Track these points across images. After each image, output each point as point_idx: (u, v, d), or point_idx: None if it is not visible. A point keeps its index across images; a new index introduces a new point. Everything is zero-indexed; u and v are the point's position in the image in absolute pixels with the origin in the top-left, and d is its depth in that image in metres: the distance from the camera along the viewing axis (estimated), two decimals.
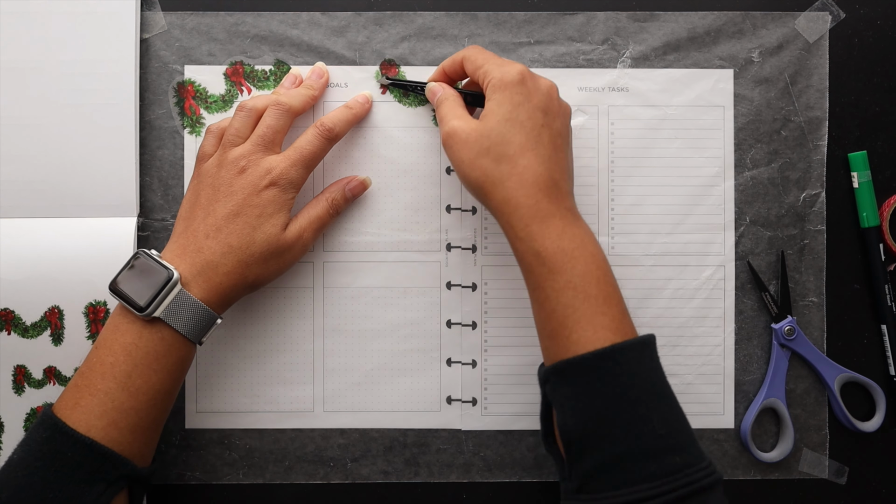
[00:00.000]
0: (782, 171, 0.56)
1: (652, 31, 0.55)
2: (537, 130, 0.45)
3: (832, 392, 0.55)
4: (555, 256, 0.43)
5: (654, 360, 0.43)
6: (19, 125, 0.53)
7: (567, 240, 0.43)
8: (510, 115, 0.45)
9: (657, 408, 0.41)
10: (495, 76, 0.46)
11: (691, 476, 0.39)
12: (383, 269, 0.55)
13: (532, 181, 0.44)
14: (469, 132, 0.46)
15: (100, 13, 0.53)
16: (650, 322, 0.55)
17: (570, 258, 0.43)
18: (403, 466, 0.55)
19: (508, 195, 0.44)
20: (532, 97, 0.46)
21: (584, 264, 0.43)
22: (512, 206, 0.44)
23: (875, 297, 0.56)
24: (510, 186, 0.44)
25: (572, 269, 0.43)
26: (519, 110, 0.45)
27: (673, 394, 0.42)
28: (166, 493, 0.55)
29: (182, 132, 0.55)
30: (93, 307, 0.53)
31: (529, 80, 0.46)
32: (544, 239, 0.43)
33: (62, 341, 0.53)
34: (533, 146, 0.45)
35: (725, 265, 0.56)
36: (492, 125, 0.45)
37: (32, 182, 0.53)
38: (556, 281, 0.43)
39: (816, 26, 0.56)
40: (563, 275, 0.43)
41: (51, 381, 0.53)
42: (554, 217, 0.44)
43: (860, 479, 0.56)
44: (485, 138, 0.45)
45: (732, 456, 0.55)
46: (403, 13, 0.55)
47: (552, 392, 0.43)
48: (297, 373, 0.55)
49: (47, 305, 0.53)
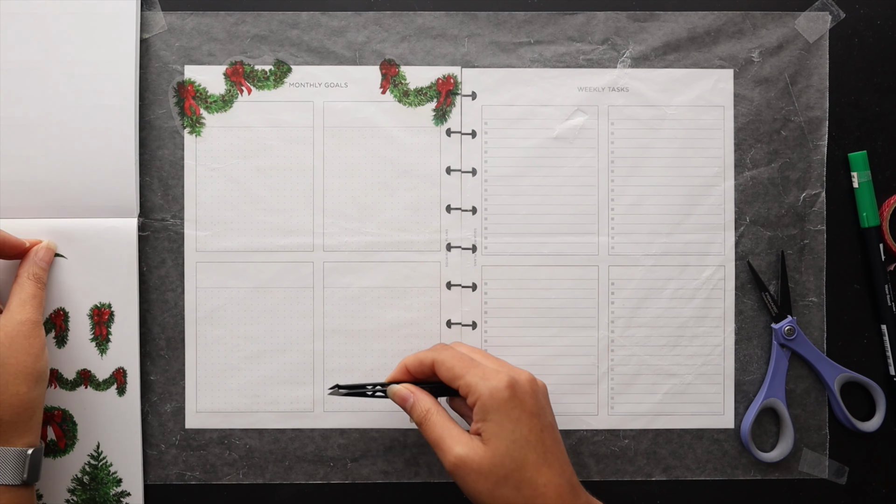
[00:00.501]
0: (782, 171, 0.56)
1: (652, 31, 0.55)
2: (541, 440, 0.44)
3: (832, 392, 0.55)
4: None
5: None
6: (19, 126, 0.53)
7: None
8: (514, 435, 0.44)
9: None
10: (484, 393, 0.44)
11: None
12: (383, 269, 0.55)
13: (556, 496, 0.44)
14: (481, 461, 0.44)
15: (100, 13, 0.53)
16: (650, 322, 0.55)
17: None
18: (403, 466, 0.55)
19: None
20: (525, 405, 0.44)
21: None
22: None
23: (875, 297, 0.56)
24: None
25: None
26: (521, 427, 0.44)
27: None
28: (166, 494, 0.55)
29: (182, 132, 0.55)
30: (97, 309, 0.54)
31: (517, 388, 0.45)
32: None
33: (66, 343, 0.53)
34: (544, 459, 0.44)
35: (725, 265, 0.56)
36: (502, 451, 0.44)
37: (33, 183, 0.53)
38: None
39: (816, 26, 0.56)
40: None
41: (53, 383, 0.53)
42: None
43: (860, 479, 0.56)
44: (499, 467, 0.43)
45: (732, 456, 0.55)
46: (403, 13, 0.55)
47: None
48: (297, 373, 0.55)
49: (52, 307, 0.53)
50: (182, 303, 0.55)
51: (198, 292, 0.55)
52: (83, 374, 0.54)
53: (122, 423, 0.54)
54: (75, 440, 0.54)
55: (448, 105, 0.55)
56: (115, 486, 0.54)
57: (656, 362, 0.55)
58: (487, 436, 0.44)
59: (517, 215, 0.55)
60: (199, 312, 0.55)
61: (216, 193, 0.55)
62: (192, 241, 0.55)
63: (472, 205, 0.56)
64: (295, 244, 0.55)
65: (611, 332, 0.55)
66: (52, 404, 0.53)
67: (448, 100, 0.55)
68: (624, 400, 0.55)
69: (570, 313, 0.55)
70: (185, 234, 0.55)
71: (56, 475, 0.54)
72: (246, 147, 0.55)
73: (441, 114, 0.55)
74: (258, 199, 0.55)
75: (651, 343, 0.55)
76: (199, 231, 0.55)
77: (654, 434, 0.55)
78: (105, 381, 0.54)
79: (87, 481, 0.54)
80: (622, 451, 0.55)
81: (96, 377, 0.54)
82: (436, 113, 0.55)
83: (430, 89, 0.55)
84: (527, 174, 0.55)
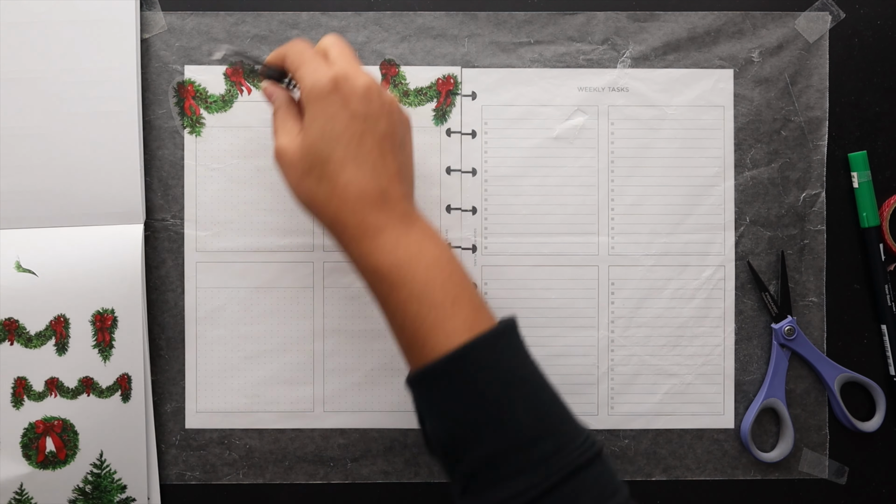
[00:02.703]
0: (782, 171, 0.56)
1: (652, 31, 0.55)
2: (357, 139, 0.42)
3: (832, 392, 0.55)
4: (391, 271, 0.41)
5: (511, 347, 0.41)
6: (23, 135, 0.53)
7: (402, 251, 0.42)
8: (325, 128, 0.42)
9: (520, 397, 0.40)
10: (306, 84, 0.43)
11: (566, 458, 0.38)
12: None
13: (356, 197, 0.42)
14: (293, 152, 0.43)
15: (100, 20, 0.53)
16: (650, 322, 0.55)
17: (407, 270, 0.41)
18: (403, 466, 0.55)
19: (335, 215, 0.42)
20: (348, 103, 0.42)
21: (424, 272, 0.41)
22: (340, 227, 0.43)
23: (875, 297, 0.56)
24: (335, 206, 0.42)
25: (412, 280, 0.41)
26: (335, 122, 0.42)
27: (540, 375, 0.41)
28: (166, 493, 0.55)
29: (182, 132, 0.55)
30: (100, 315, 0.53)
31: (344, 85, 0.43)
32: (378, 255, 0.42)
33: (67, 350, 0.53)
34: (353, 158, 0.42)
35: (725, 265, 0.56)
36: (310, 141, 0.43)
37: (38, 192, 0.53)
38: (398, 295, 0.42)
39: (816, 26, 0.56)
40: (405, 288, 0.41)
41: (52, 392, 0.53)
42: (384, 230, 0.42)
43: (860, 479, 0.56)
44: (306, 157, 0.43)
45: (732, 456, 0.55)
46: (403, 13, 0.55)
47: (416, 402, 0.42)
48: (297, 373, 0.55)
49: (53, 314, 0.53)
50: (182, 303, 0.55)
51: (198, 292, 0.55)
52: (85, 381, 0.53)
53: (127, 430, 0.53)
54: (76, 450, 0.53)
55: (448, 105, 0.55)
56: (120, 493, 0.54)
57: (656, 362, 0.55)
58: (304, 127, 0.43)
59: (517, 215, 0.55)
60: (199, 312, 0.55)
61: (216, 193, 0.55)
62: (192, 241, 0.55)
63: (472, 205, 0.56)
64: (295, 244, 0.55)
65: (611, 332, 0.55)
66: (52, 414, 0.53)
67: (448, 100, 0.55)
68: (624, 400, 0.55)
69: (570, 313, 0.55)
70: (185, 234, 0.55)
71: (56, 488, 0.53)
72: (246, 147, 0.55)
73: (441, 114, 0.55)
74: (258, 199, 0.55)
75: (651, 343, 0.55)
76: (199, 231, 0.55)
77: (654, 434, 0.55)
78: (108, 387, 0.53)
79: (90, 490, 0.53)
80: (622, 451, 0.55)
81: (99, 384, 0.53)
82: (436, 113, 0.55)
83: (430, 89, 0.55)
84: (527, 174, 0.55)
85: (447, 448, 0.41)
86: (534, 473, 0.38)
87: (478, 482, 0.40)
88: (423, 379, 0.41)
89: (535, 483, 0.38)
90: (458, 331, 0.40)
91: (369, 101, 0.43)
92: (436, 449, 0.42)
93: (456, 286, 0.42)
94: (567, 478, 0.38)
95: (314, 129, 0.43)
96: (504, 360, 0.41)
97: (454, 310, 0.41)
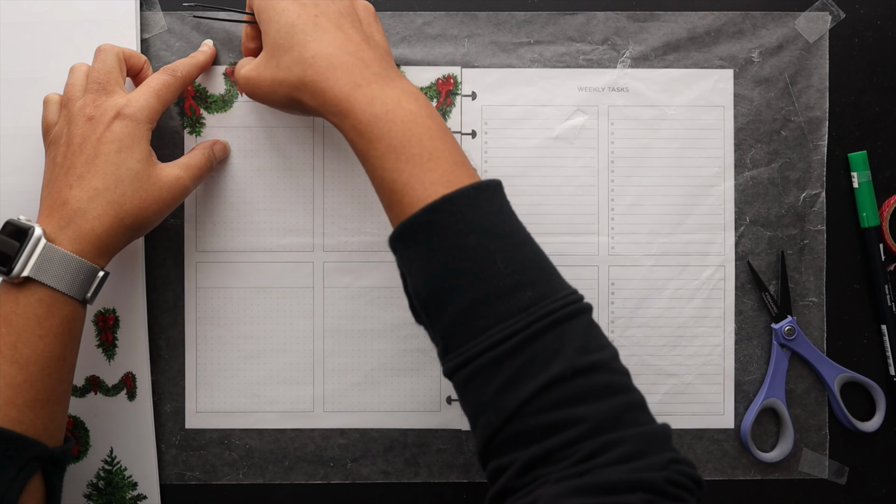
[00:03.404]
0: (782, 171, 0.56)
1: (652, 31, 0.55)
2: (312, 21, 0.44)
3: (832, 392, 0.55)
4: (369, 125, 0.42)
5: (494, 203, 0.41)
6: (23, 136, 0.53)
7: (379, 105, 0.42)
8: (280, 21, 0.45)
9: (500, 248, 0.39)
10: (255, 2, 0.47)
11: (546, 308, 0.38)
12: (383, 269, 0.55)
13: (325, 65, 0.43)
14: (257, 64, 0.46)
15: (100, 20, 0.53)
16: (650, 322, 0.55)
17: (385, 122, 0.42)
18: (403, 466, 0.55)
19: (314, 92, 0.43)
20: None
21: (401, 125, 0.42)
22: (320, 99, 0.43)
23: (875, 297, 0.56)
24: (310, 82, 0.43)
25: (389, 132, 0.41)
26: (286, 14, 0.45)
27: (524, 233, 0.41)
28: (166, 493, 0.55)
29: (182, 132, 0.55)
30: (102, 315, 0.54)
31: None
32: (355, 112, 0.42)
33: None
34: (312, 36, 0.44)
35: (725, 265, 0.56)
36: (270, 42, 0.45)
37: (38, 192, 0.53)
38: (376, 149, 0.42)
39: (816, 26, 0.56)
40: (382, 141, 0.42)
41: None
42: (360, 87, 0.43)
43: (860, 479, 0.56)
44: (271, 59, 0.45)
45: (732, 456, 0.55)
46: (403, 13, 0.55)
47: (399, 261, 0.42)
48: (297, 373, 0.55)
49: None
50: (182, 303, 0.55)
51: (198, 292, 0.55)
52: (92, 380, 0.54)
53: (135, 427, 0.54)
54: (88, 446, 0.54)
55: (448, 105, 0.55)
56: (132, 490, 0.54)
57: (656, 362, 0.55)
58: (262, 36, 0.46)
59: None
60: (199, 312, 0.55)
61: (216, 193, 0.55)
62: (192, 241, 0.55)
63: None
64: (295, 244, 0.55)
65: (611, 332, 0.55)
66: None
67: (448, 100, 0.55)
68: None
69: None
70: (185, 234, 0.55)
71: (72, 482, 0.54)
72: (246, 147, 0.55)
73: (441, 114, 0.55)
74: (258, 199, 0.55)
75: (651, 343, 0.55)
76: (199, 231, 0.55)
77: None
78: (114, 386, 0.54)
79: (103, 486, 0.54)
80: None
81: (105, 383, 0.54)
82: None
83: (430, 89, 0.55)
84: (527, 174, 0.55)
85: (429, 306, 0.40)
86: (511, 322, 0.37)
87: (458, 338, 0.39)
88: (402, 235, 0.41)
89: (512, 332, 0.37)
90: (436, 184, 0.40)
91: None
92: (418, 310, 0.42)
93: (435, 140, 0.42)
94: (549, 327, 0.37)
95: (270, 29, 0.45)
96: (485, 214, 0.40)
97: (431, 164, 0.41)
